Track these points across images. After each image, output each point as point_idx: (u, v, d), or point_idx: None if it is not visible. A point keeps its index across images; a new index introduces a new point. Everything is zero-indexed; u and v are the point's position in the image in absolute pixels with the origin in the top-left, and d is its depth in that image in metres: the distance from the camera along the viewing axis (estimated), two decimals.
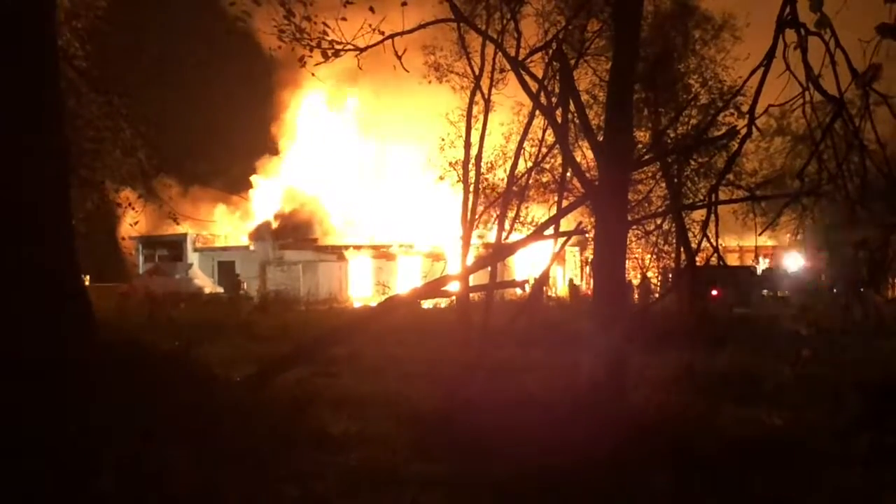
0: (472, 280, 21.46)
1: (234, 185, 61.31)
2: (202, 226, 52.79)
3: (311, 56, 14.17)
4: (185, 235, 53.66)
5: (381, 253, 54.86)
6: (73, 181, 13.31)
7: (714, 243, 10.14)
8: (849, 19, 6.59)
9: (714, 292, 30.07)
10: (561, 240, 17.01)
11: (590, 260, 42.33)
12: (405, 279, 49.52)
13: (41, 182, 7.06)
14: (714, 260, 10.52)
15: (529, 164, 25.97)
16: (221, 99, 58.67)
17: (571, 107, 16.29)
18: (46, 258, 7.18)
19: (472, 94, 25.51)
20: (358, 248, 54.90)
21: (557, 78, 19.47)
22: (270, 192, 61.24)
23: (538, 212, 28.59)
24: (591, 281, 23.59)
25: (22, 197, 6.94)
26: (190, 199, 52.74)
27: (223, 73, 57.11)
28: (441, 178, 28.94)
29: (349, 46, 14.24)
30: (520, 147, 24.46)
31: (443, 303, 34.16)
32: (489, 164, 27.69)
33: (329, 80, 53.83)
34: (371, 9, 13.33)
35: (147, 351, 12.63)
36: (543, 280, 17.41)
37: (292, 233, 55.79)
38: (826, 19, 6.09)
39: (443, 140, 28.35)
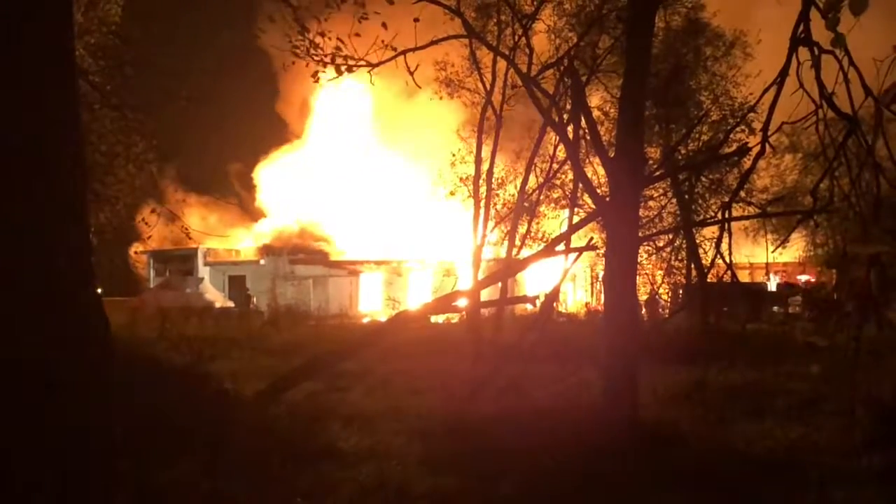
0: (483, 296, 21.46)
1: (243, 196, 61.57)
2: (216, 240, 52.97)
3: (324, 71, 14.27)
4: (196, 250, 53.80)
5: (392, 268, 54.91)
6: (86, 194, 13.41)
7: (727, 260, 10.14)
8: (862, 37, 6.61)
9: (724, 308, 30.00)
10: (572, 256, 16.98)
11: (600, 276, 42.25)
12: (416, 294, 49.52)
13: (59, 193, 7.11)
14: (727, 277, 10.51)
15: (540, 179, 26.02)
16: (230, 111, 58.85)
17: (583, 123, 16.33)
18: (63, 269, 7.22)
19: (484, 110, 25.57)
20: (368, 263, 54.96)
21: (569, 94, 19.53)
22: (280, 205, 61.44)
23: (549, 227, 28.62)
24: (602, 297, 23.58)
25: (39, 207, 6.99)
26: (200, 210, 53.01)
27: (233, 85, 57.41)
28: (452, 193, 28.94)
29: (362, 62, 14.31)
30: (531, 163, 24.52)
31: (453, 318, 34.13)
32: (500, 180, 27.70)
33: (341, 93, 54.26)
34: (384, 25, 13.39)
35: (159, 365, 12.67)
36: (554, 296, 17.37)
37: (303, 248, 55.89)
38: (842, 38, 6.09)
39: (454, 156, 28.40)
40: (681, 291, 32.86)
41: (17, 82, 6.80)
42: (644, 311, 34.78)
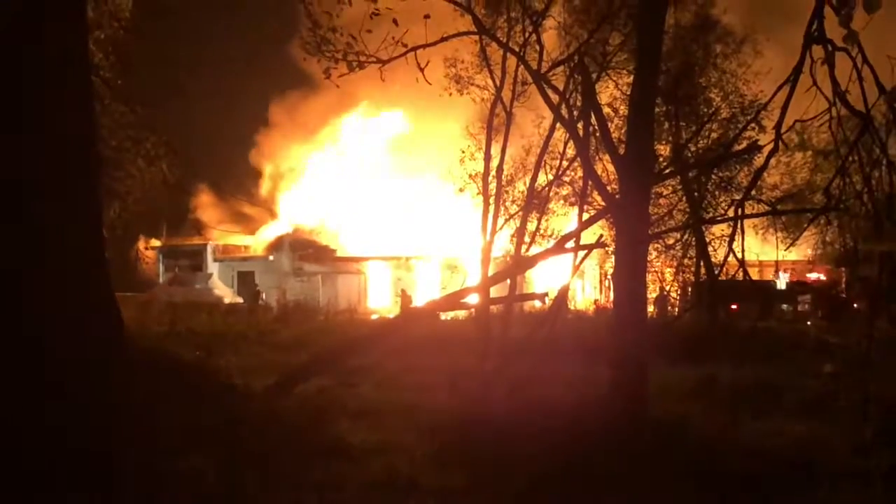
0: (492, 292, 21.44)
1: (252, 191, 61.55)
2: (226, 235, 53.07)
3: (335, 68, 14.31)
4: (205, 245, 53.89)
5: (401, 264, 54.93)
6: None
7: (739, 258, 10.11)
8: (876, 34, 6.59)
9: (734, 306, 29.93)
10: (581, 253, 16.95)
11: (610, 273, 42.19)
12: (424, 291, 49.51)
13: (70, 187, 7.14)
14: (738, 275, 10.48)
15: (550, 176, 25.96)
16: (242, 107, 58.93)
17: (593, 120, 16.30)
18: (76, 263, 7.25)
19: (493, 107, 25.47)
20: (377, 259, 54.99)
21: (579, 91, 19.47)
22: (289, 202, 61.43)
23: (559, 224, 28.52)
24: (611, 294, 23.52)
25: (52, 202, 7.02)
26: (211, 206, 53.15)
27: (245, 81, 57.47)
28: (461, 190, 28.83)
29: (373, 58, 14.34)
30: (540, 159, 24.45)
31: (461, 315, 34.07)
32: (509, 177, 27.61)
33: (350, 91, 54.24)
34: (395, 21, 13.42)
35: (169, 360, 12.70)
36: (565, 293, 17.35)
37: (312, 244, 55.94)
38: (854, 35, 6.07)
39: (463, 152, 28.28)
40: (690, 289, 32.79)
41: (40, 85, 6.83)
42: (653, 308, 34.75)
